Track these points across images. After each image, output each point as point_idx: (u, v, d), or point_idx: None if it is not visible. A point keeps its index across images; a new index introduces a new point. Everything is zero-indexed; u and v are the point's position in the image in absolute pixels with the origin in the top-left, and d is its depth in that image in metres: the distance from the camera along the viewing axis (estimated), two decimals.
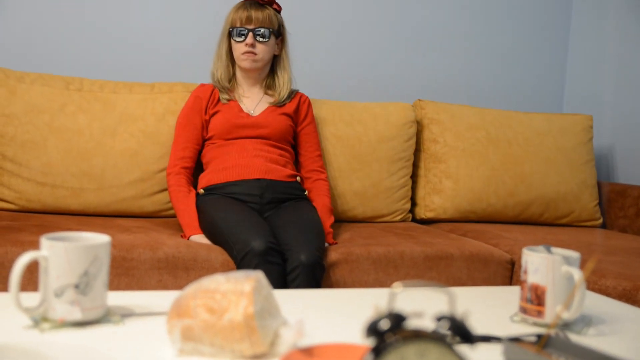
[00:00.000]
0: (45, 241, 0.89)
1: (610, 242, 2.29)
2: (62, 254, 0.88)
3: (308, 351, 0.82)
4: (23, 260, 0.87)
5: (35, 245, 1.59)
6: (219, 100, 2.10)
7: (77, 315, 0.90)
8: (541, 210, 2.57)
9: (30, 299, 0.95)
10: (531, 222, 2.59)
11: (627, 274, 1.77)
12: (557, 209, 2.58)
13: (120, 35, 2.50)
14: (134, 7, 2.51)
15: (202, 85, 2.16)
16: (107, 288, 0.94)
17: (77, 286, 0.89)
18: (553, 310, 1.05)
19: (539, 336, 0.91)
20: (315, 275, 1.71)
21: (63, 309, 0.89)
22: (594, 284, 1.76)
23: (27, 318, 0.91)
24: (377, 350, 0.63)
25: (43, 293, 0.90)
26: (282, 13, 2.13)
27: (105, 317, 0.94)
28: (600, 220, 2.67)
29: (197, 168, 2.13)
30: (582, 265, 1.45)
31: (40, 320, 0.90)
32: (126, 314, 0.98)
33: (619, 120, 2.86)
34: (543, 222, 2.60)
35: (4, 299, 0.99)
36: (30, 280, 1.50)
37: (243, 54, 2.05)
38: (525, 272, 1.08)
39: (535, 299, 1.06)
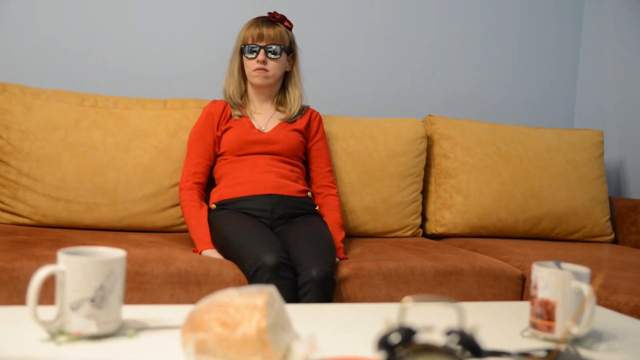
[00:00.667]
0: (62, 255, 0.91)
1: (622, 257, 2.28)
2: (79, 268, 0.90)
3: None
4: (41, 275, 0.89)
5: (50, 260, 1.61)
6: (230, 116, 2.13)
7: (92, 328, 0.91)
8: (552, 226, 2.57)
9: (46, 312, 0.97)
10: (542, 238, 2.59)
11: (639, 289, 1.77)
12: (568, 224, 2.58)
13: (134, 53, 2.53)
14: (148, 25, 2.55)
15: (214, 101, 2.19)
16: (122, 302, 0.95)
17: (93, 300, 0.90)
18: (563, 325, 1.05)
19: (549, 351, 0.92)
20: (327, 290, 1.72)
21: (79, 323, 0.91)
22: (606, 300, 1.75)
23: (44, 331, 0.93)
24: None
25: (60, 306, 0.92)
26: (293, 30, 2.16)
27: (120, 330, 0.95)
28: (612, 236, 2.66)
29: (209, 183, 2.15)
30: (592, 281, 1.45)
31: (56, 333, 0.92)
32: (140, 328, 0.99)
33: (630, 135, 2.86)
34: (554, 237, 2.59)
35: (20, 312, 1.01)
36: (46, 293, 1.51)
37: (255, 70, 2.08)
38: (535, 287, 1.09)
39: (546, 314, 1.07)
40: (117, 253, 0.96)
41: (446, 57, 2.94)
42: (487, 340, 1.05)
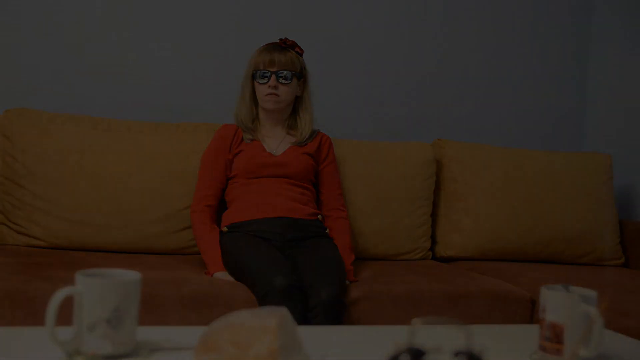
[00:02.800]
0: (80, 277, 0.93)
1: (632, 281, 2.27)
2: (96, 289, 0.92)
3: None
4: (59, 296, 0.91)
5: (64, 281, 1.63)
6: (242, 140, 2.16)
7: (108, 349, 0.93)
8: (562, 249, 2.57)
9: (62, 332, 0.99)
10: (552, 261, 2.58)
11: None
12: (577, 247, 2.58)
13: (147, 78, 2.57)
14: (161, 51, 2.59)
15: (226, 125, 2.22)
16: (136, 323, 0.97)
17: (109, 321, 0.92)
18: (571, 348, 1.06)
19: None
20: (337, 312, 1.73)
21: (95, 343, 0.93)
22: (616, 324, 1.74)
23: (61, 351, 0.95)
24: None
25: (77, 327, 0.94)
26: (304, 55, 2.19)
27: (134, 351, 0.97)
28: (622, 259, 2.65)
29: (221, 206, 2.17)
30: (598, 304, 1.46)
31: (73, 353, 0.94)
32: (154, 349, 1.01)
33: (639, 159, 2.86)
34: (564, 260, 2.59)
35: (38, 332, 1.03)
36: (59, 314, 1.54)
37: (266, 95, 2.11)
38: (544, 310, 1.10)
39: (554, 337, 1.08)
40: (133, 275, 0.98)
41: (455, 82, 2.96)
42: None
